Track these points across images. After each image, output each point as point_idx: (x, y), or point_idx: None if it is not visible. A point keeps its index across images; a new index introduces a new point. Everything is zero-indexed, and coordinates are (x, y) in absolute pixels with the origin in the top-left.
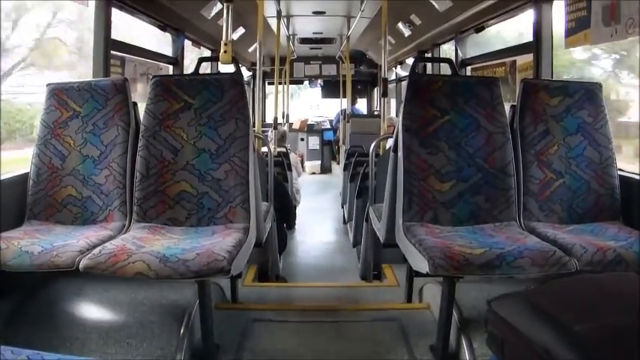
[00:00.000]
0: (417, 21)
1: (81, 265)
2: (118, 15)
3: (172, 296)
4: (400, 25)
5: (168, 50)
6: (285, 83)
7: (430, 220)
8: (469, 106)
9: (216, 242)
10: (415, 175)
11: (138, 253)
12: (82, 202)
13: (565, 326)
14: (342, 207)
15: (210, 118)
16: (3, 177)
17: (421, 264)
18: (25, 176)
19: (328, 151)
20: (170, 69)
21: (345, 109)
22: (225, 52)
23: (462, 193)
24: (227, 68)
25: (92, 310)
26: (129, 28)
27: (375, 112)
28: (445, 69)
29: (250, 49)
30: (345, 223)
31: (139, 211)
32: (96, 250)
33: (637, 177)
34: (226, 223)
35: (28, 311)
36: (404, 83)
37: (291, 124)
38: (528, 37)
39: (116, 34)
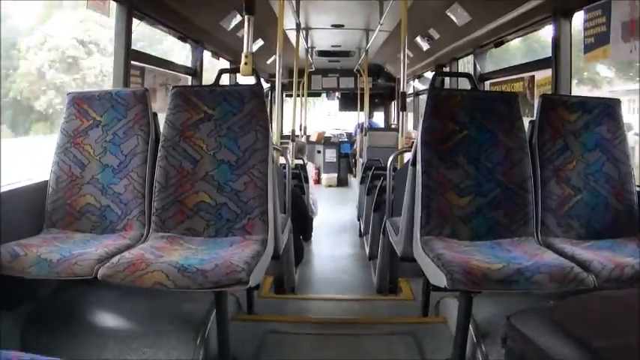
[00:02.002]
0: (436, 35)
1: (99, 274)
2: None
3: (189, 306)
4: (419, 39)
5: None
6: (303, 95)
7: (448, 234)
8: (488, 121)
9: (234, 253)
10: (434, 190)
11: (156, 262)
12: (100, 210)
13: (585, 343)
14: (359, 220)
15: (229, 129)
16: (23, 184)
17: (439, 278)
18: (45, 184)
19: (345, 164)
20: (189, 80)
21: (362, 123)
22: (245, 63)
23: (481, 207)
24: (245, 79)
25: (109, 319)
26: None
27: (393, 126)
28: (463, 83)
29: (269, 62)
30: (361, 236)
31: (158, 220)
32: (114, 259)
33: None
34: (244, 235)
35: (46, 318)
36: (422, 97)
37: (308, 137)
38: None
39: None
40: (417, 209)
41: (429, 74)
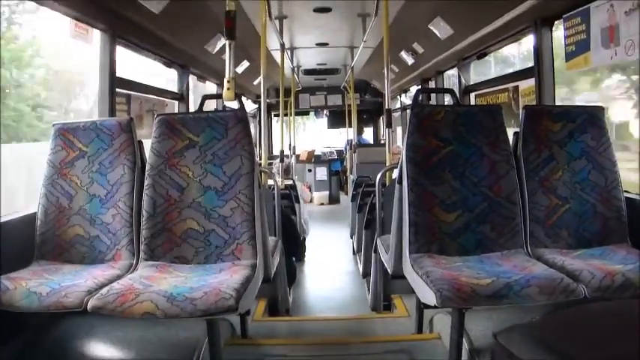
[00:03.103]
0: (420, 49)
1: (89, 306)
2: None
3: (182, 334)
4: (403, 53)
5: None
6: (291, 115)
7: (437, 251)
8: (472, 135)
9: (223, 280)
10: (421, 207)
11: (145, 292)
12: (89, 241)
13: (568, 358)
14: (351, 238)
15: (214, 155)
16: (12, 217)
17: (429, 296)
18: (33, 216)
19: (336, 182)
20: (175, 105)
21: (351, 139)
22: (228, 89)
23: (468, 222)
24: (232, 102)
25: (101, 350)
26: None
27: (382, 142)
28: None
29: (255, 82)
30: (354, 254)
31: (147, 249)
32: (104, 290)
33: None
34: (234, 260)
35: (38, 351)
36: (409, 111)
37: (298, 156)
38: None
39: None
40: (405, 227)
41: (416, 89)
